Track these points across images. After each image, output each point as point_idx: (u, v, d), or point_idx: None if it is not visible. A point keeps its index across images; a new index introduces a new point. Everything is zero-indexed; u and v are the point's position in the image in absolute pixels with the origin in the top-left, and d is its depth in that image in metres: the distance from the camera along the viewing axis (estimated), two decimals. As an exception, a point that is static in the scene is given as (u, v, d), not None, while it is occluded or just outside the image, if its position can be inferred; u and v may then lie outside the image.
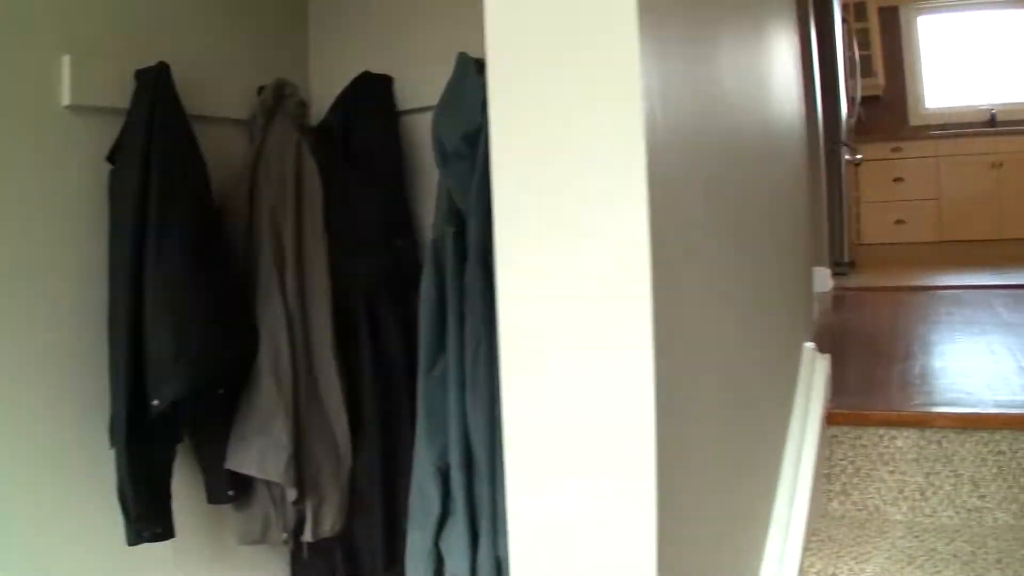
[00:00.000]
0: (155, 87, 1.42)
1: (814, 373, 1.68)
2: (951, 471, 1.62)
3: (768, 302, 1.35)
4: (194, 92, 1.50)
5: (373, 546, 1.61)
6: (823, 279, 3.74)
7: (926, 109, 6.69)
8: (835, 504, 1.68)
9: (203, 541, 1.63)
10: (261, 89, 1.64)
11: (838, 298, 3.54)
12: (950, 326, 2.49)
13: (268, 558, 1.73)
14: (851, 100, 4.78)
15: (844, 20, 4.77)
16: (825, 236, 3.81)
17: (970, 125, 6.41)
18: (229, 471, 1.51)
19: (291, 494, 1.52)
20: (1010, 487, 1.59)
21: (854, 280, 4.14)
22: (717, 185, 1.01)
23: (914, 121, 6.68)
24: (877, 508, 1.66)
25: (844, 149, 4.55)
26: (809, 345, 1.72)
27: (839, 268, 4.53)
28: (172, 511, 1.46)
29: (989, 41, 6.61)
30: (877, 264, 5.32)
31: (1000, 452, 1.59)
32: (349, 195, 1.64)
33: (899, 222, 6.11)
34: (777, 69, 1.44)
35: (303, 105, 1.66)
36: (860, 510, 1.67)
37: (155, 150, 1.39)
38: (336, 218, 1.62)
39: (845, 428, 1.67)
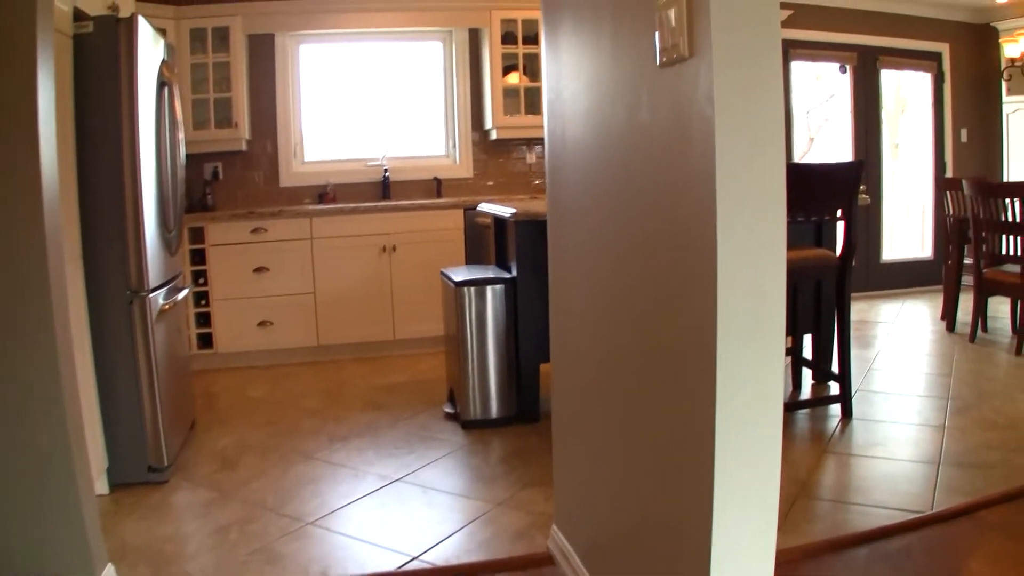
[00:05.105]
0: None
1: None
2: None
3: None
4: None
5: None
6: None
7: (304, 164, 5.40)
8: None
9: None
10: None
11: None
12: None
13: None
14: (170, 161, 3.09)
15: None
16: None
17: (360, 192, 5.31)
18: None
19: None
20: None
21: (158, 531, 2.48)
22: None
23: (287, 181, 5.32)
24: None
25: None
26: None
27: (155, 475, 2.82)
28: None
29: (378, 80, 5.57)
30: (232, 416, 3.76)
31: None
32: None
33: (264, 324, 4.69)
34: None
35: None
36: None
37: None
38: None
39: None
